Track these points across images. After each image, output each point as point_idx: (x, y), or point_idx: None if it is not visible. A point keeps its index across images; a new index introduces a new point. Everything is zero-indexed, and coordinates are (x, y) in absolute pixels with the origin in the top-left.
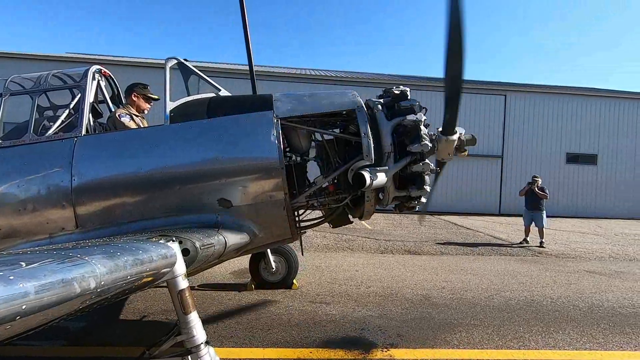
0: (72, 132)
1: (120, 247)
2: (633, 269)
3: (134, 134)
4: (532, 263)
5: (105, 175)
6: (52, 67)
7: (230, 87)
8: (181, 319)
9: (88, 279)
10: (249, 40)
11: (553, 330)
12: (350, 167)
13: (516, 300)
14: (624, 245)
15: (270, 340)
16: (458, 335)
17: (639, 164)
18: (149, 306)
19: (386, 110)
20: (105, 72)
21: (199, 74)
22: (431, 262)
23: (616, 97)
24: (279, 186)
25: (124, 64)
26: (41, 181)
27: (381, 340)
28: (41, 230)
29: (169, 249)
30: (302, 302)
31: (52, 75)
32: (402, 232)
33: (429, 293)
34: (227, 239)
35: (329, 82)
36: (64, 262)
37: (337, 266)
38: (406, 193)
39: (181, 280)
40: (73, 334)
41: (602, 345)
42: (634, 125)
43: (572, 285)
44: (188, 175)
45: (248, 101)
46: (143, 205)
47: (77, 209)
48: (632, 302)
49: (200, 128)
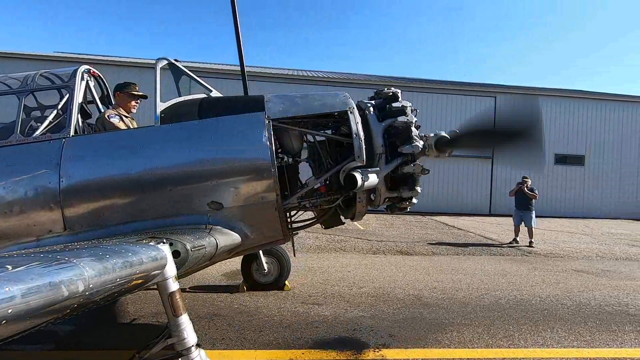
0: (60, 133)
1: (109, 250)
2: (619, 268)
3: (124, 135)
4: (522, 262)
5: (95, 177)
6: (40, 67)
7: (222, 88)
8: (172, 321)
9: (76, 281)
10: (240, 41)
11: (542, 329)
12: (342, 168)
13: (506, 299)
14: (610, 245)
15: (262, 341)
16: (449, 335)
17: (624, 165)
18: (139, 309)
19: (378, 111)
20: (94, 72)
21: (189, 74)
22: (423, 263)
23: (602, 99)
24: (271, 187)
25: (114, 64)
26: (28, 183)
27: (373, 340)
28: (28, 232)
29: (159, 251)
30: (294, 304)
31: (39, 75)
32: (394, 233)
33: (420, 293)
34: (218, 241)
35: (321, 83)
36: (51, 264)
37: (329, 267)
38: (397, 194)
39: (172, 282)
40: (61, 337)
41: (589, 343)
42: (620, 126)
43: (561, 284)
44: (179, 176)
45: (240, 102)
46: (133, 207)
47: (66, 211)
48: (618, 300)
49: (191, 129)
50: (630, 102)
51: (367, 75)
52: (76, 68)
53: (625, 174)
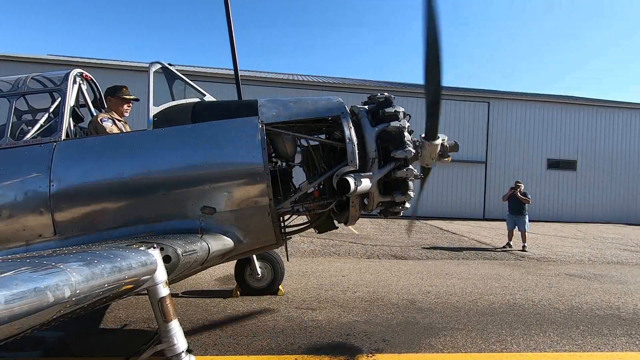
0: (51, 136)
1: (97, 255)
2: (610, 272)
3: (116, 139)
4: (515, 267)
5: (86, 181)
6: (33, 70)
7: (216, 92)
8: (162, 327)
9: (62, 287)
10: (234, 45)
11: (534, 333)
12: (335, 172)
13: (499, 303)
14: (602, 249)
15: (255, 347)
16: (442, 339)
17: (615, 170)
18: (130, 314)
19: (371, 116)
20: (86, 76)
21: (183, 78)
22: (417, 267)
23: (594, 105)
24: (264, 192)
25: (108, 67)
26: (18, 187)
27: (367, 345)
28: (17, 237)
29: (148, 256)
30: (288, 308)
31: (31, 79)
32: (388, 237)
33: (414, 298)
34: (210, 245)
35: (316, 87)
36: (37, 270)
37: (323, 271)
38: (390, 198)
39: (162, 287)
40: (50, 344)
41: (580, 347)
42: (611, 132)
43: (553, 288)
44: (171, 180)
45: (233, 106)
46: (125, 211)
47: (56, 216)
48: (609, 304)
49: (184, 133)
50: (621, 108)
51: (362, 80)
52: (68, 71)
53: (616, 179)
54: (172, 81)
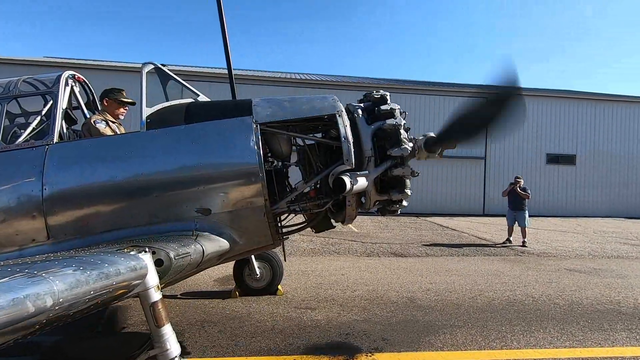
0: (43, 139)
1: (84, 261)
2: (610, 266)
3: (109, 141)
4: (515, 262)
5: (79, 184)
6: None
7: (210, 92)
8: (154, 332)
9: (44, 296)
10: (227, 44)
11: (534, 329)
12: (331, 172)
13: (499, 300)
14: (602, 243)
15: (254, 348)
16: (442, 337)
17: (614, 164)
18: (128, 317)
19: (366, 114)
20: (79, 78)
21: (176, 79)
22: (417, 264)
23: (593, 100)
24: (259, 192)
25: (101, 68)
26: (10, 191)
27: (366, 344)
28: (10, 242)
29: (138, 260)
30: (287, 308)
31: (22, 81)
32: (388, 235)
33: (414, 295)
34: (205, 247)
35: (311, 86)
36: (18, 279)
37: (323, 270)
38: (388, 197)
39: (154, 292)
40: (45, 349)
41: (581, 343)
42: (610, 126)
43: (553, 283)
44: (165, 182)
45: (227, 106)
46: (118, 214)
47: (49, 220)
48: (609, 298)
49: (178, 134)
50: (620, 102)
51: (359, 77)
52: (60, 73)
53: (616, 173)
54: (166, 82)
